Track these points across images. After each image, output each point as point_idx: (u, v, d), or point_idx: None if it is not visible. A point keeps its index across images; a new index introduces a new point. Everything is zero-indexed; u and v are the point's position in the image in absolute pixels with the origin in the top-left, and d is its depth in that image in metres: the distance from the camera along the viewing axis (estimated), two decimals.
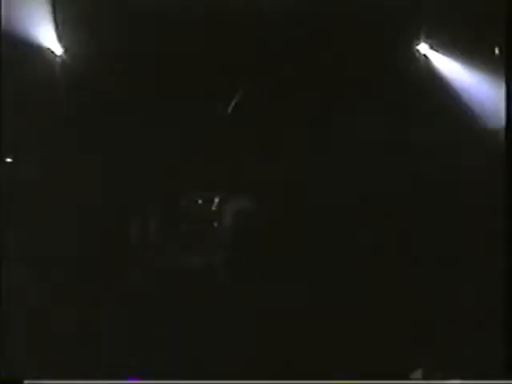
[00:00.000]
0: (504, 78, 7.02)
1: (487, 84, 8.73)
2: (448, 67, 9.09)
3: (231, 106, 9.20)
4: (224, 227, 9.17)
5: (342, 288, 8.22)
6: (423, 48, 9.12)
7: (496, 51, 8.57)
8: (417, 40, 9.09)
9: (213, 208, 9.34)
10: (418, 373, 6.88)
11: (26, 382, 3.19)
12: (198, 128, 9.32)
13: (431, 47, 9.09)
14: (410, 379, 6.84)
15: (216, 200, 9.35)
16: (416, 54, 9.18)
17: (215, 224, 9.29)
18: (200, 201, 9.41)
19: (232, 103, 9.25)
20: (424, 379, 6.83)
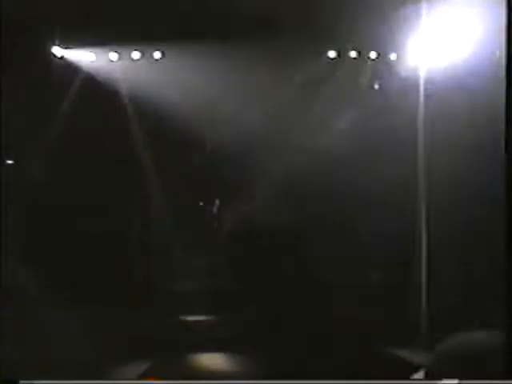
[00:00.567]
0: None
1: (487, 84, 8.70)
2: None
3: None
4: (224, 229, 9.18)
5: (342, 288, 8.23)
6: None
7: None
8: None
9: (214, 210, 9.35)
10: (420, 374, 6.85)
11: (22, 382, 3.18)
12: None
13: None
14: (410, 379, 6.82)
15: (217, 202, 9.37)
16: None
17: (215, 225, 9.31)
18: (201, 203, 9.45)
19: None
20: (424, 379, 6.81)
